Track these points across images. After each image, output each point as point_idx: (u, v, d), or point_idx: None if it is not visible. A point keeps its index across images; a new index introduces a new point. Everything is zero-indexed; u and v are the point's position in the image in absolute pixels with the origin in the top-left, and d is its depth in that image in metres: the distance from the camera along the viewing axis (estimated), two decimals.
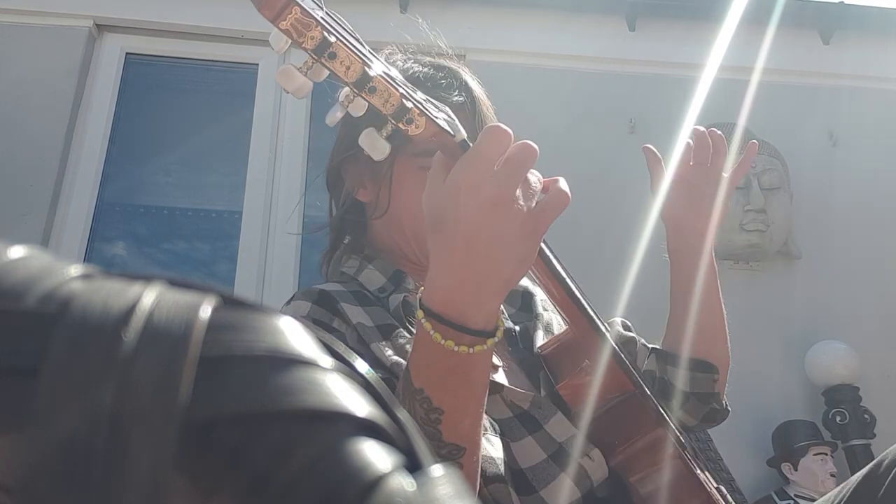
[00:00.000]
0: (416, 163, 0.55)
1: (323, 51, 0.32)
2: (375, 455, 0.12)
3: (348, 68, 0.33)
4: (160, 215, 1.73)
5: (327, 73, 0.33)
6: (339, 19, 0.35)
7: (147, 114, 1.80)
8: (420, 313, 0.37)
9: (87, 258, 1.54)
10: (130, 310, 0.12)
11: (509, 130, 0.36)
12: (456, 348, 0.36)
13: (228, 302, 0.13)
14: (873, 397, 1.61)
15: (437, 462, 0.13)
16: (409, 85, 0.37)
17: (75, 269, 0.13)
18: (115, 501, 0.11)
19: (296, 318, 0.14)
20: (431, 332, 0.36)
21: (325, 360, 0.13)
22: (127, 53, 1.75)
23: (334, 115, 0.35)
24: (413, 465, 0.13)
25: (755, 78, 1.69)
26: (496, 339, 0.38)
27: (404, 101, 0.35)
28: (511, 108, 0.78)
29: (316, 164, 1.73)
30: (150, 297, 0.13)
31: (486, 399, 0.40)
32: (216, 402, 0.12)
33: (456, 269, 0.36)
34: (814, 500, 1.37)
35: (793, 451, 1.52)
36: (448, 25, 0.69)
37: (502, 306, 0.55)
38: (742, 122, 1.66)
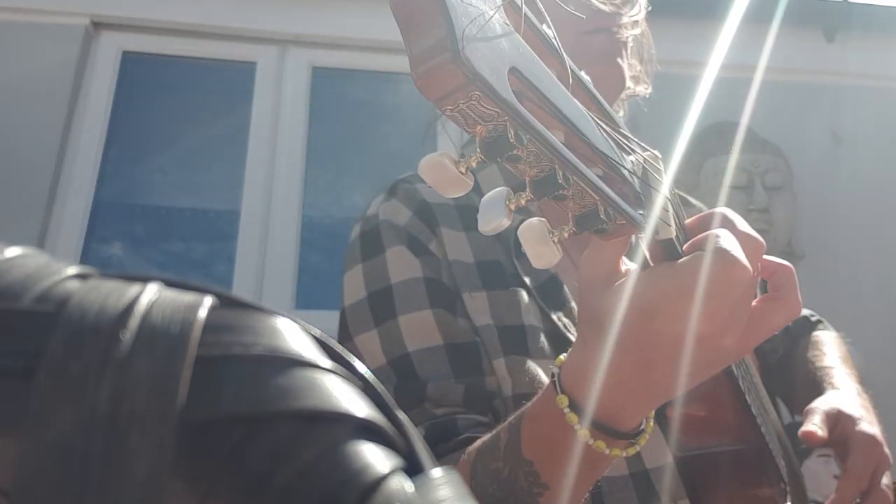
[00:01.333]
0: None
1: (501, 152, 0.21)
2: (374, 457, 0.12)
3: (531, 167, 0.23)
4: (157, 215, 1.73)
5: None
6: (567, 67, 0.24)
7: (144, 113, 1.80)
8: (563, 400, 0.31)
9: (84, 258, 1.54)
10: (127, 310, 0.12)
11: (744, 263, 0.27)
12: (607, 451, 0.31)
13: (226, 302, 0.13)
14: (877, 398, 1.60)
15: (437, 464, 0.13)
16: (614, 161, 0.25)
17: (72, 269, 0.13)
18: (111, 503, 0.11)
19: (295, 320, 0.14)
20: (577, 428, 0.31)
21: (324, 361, 0.13)
22: (124, 52, 1.75)
23: (499, 223, 0.23)
24: (413, 468, 0.13)
25: (758, 76, 1.68)
26: (647, 436, 0.33)
27: (601, 206, 0.24)
28: None
29: (315, 163, 1.73)
30: (147, 297, 0.12)
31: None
32: (214, 403, 0.12)
33: (627, 373, 0.30)
34: (818, 501, 1.37)
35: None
36: None
37: None
38: (745, 120, 1.65)
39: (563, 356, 0.34)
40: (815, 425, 0.51)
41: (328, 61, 1.80)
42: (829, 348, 0.66)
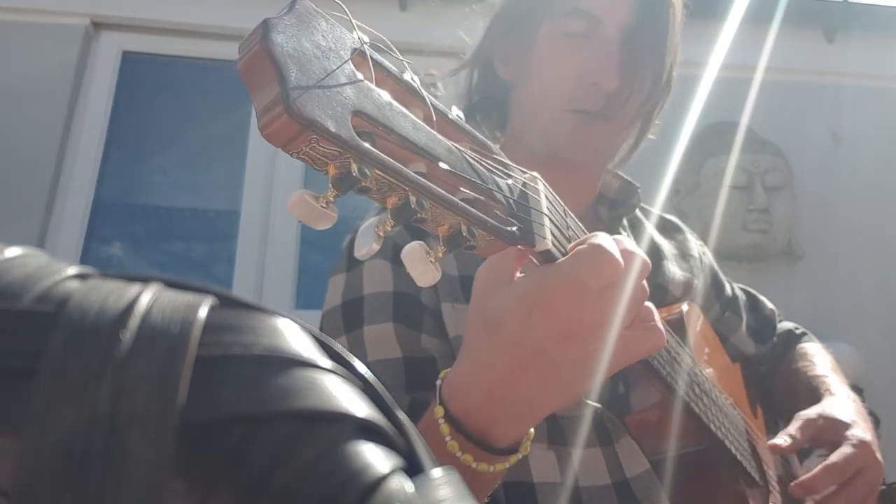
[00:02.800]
0: (563, 27, 0.50)
1: (350, 185, 0.23)
2: (374, 457, 0.12)
3: (387, 198, 0.24)
4: (157, 215, 1.73)
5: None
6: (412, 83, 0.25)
7: (144, 112, 1.79)
8: (439, 410, 0.32)
9: (84, 258, 1.54)
10: (127, 310, 0.12)
11: (617, 257, 0.29)
12: (474, 465, 0.31)
13: (226, 302, 0.13)
14: (877, 398, 1.60)
15: (437, 464, 0.13)
16: (475, 181, 0.26)
17: (72, 269, 0.13)
18: (112, 503, 0.11)
19: (295, 320, 0.14)
20: (447, 440, 0.31)
21: (324, 361, 0.13)
22: (124, 52, 1.75)
23: (370, 248, 0.26)
24: (413, 468, 0.13)
25: (758, 76, 1.68)
26: (521, 456, 0.33)
27: (464, 226, 0.26)
28: None
29: None
30: (147, 297, 0.12)
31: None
32: (214, 403, 0.12)
33: (498, 383, 0.30)
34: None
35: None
36: (449, 25, 0.69)
37: None
38: (745, 120, 1.65)
39: (447, 370, 0.34)
40: (782, 437, 0.52)
41: None
42: (819, 358, 0.67)
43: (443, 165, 0.25)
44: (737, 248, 1.73)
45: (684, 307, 0.52)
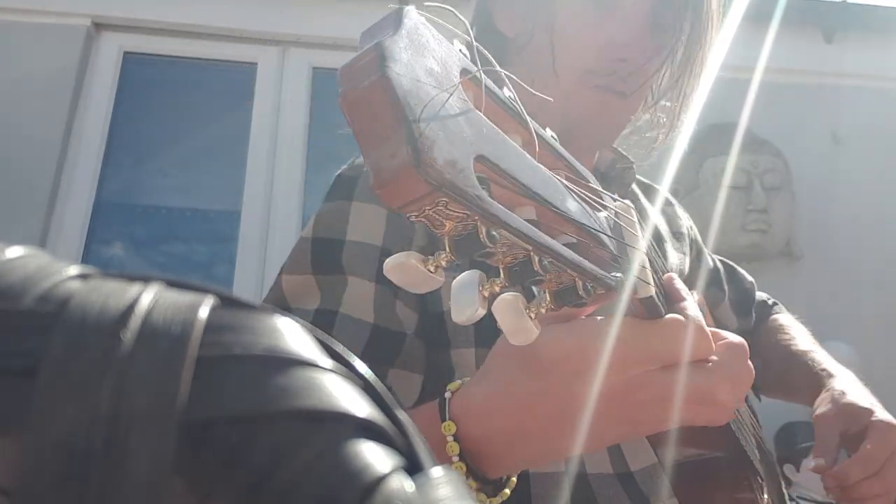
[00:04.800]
0: None
1: (473, 250, 0.19)
2: (375, 456, 0.12)
3: (506, 256, 0.21)
4: (158, 216, 1.73)
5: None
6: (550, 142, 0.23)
7: (145, 113, 1.79)
8: (450, 426, 0.29)
9: (85, 259, 1.54)
10: (128, 310, 0.12)
11: (709, 336, 0.27)
12: (472, 491, 0.29)
13: (227, 302, 0.13)
14: (877, 398, 1.60)
15: (436, 463, 0.13)
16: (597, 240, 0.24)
17: (73, 269, 0.13)
18: (112, 503, 0.11)
19: (296, 320, 0.14)
20: (454, 460, 0.29)
21: (325, 361, 0.13)
22: (125, 52, 1.75)
23: (474, 313, 0.21)
24: (413, 467, 0.13)
25: (757, 77, 1.68)
26: (507, 494, 0.31)
27: (579, 282, 0.23)
28: None
29: (315, 163, 1.73)
30: (148, 297, 0.12)
31: None
32: (214, 403, 0.12)
33: (525, 426, 0.28)
34: (817, 501, 1.38)
35: (795, 452, 1.52)
36: (449, 25, 0.68)
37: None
38: (744, 121, 1.65)
39: (458, 382, 0.32)
40: (817, 460, 0.51)
41: (328, 61, 1.80)
42: (797, 331, 0.66)
43: (552, 209, 0.22)
44: (735, 249, 1.73)
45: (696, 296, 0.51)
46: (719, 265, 0.69)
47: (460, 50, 0.20)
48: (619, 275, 0.25)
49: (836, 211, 1.86)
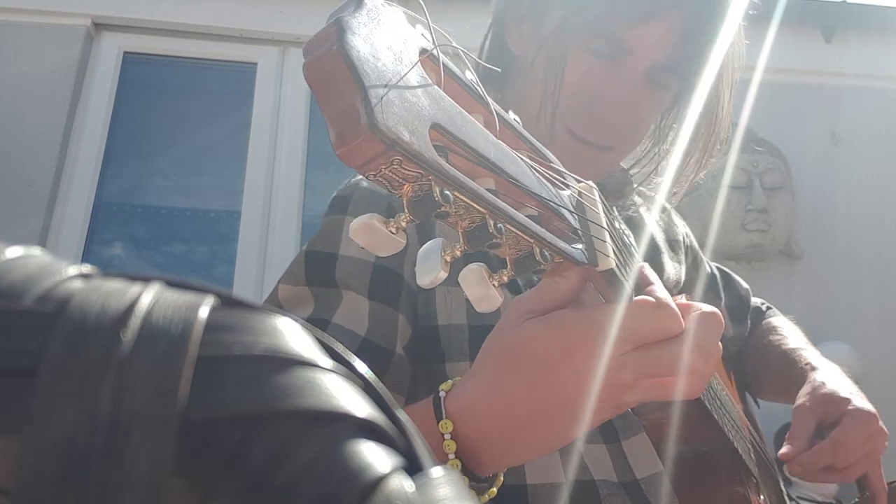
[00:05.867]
0: (588, 42, 0.43)
1: (429, 211, 0.21)
2: (375, 456, 0.12)
3: (462, 220, 0.22)
4: (158, 216, 1.73)
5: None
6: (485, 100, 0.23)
7: (145, 113, 1.79)
8: (447, 425, 0.30)
9: (85, 259, 1.54)
10: (129, 310, 0.12)
11: (677, 312, 0.28)
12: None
13: (227, 302, 0.13)
14: (876, 398, 1.60)
15: (436, 463, 0.13)
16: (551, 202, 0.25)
17: (73, 269, 0.13)
18: (113, 503, 0.11)
19: (296, 320, 0.14)
20: (450, 457, 0.30)
21: (325, 361, 0.13)
22: (125, 52, 1.75)
23: (436, 276, 0.23)
24: (413, 467, 0.13)
25: (756, 77, 1.68)
26: (494, 492, 0.31)
27: (537, 249, 0.24)
28: None
29: (315, 164, 1.73)
30: (148, 297, 0.12)
31: None
32: (214, 403, 0.12)
33: (517, 422, 0.29)
34: (816, 501, 1.38)
35: None
36: (448, 25, 0.68)
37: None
38: (744, 121, 1.65)
39: (449, 382, 0.32)
40: (787, 446, 0.51)
41: None
42: (789, 331, 0.66)
43: (511, 181, 0.23)
44: (735, 248, 1.73)
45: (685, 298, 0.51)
46: (716, 272, 0.69)
47: (422, 34, 0.21)
48: (579, 247, 0.26)
49: (836, 210, 1.86)
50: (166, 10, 1.76)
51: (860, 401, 0.52)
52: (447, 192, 0.20)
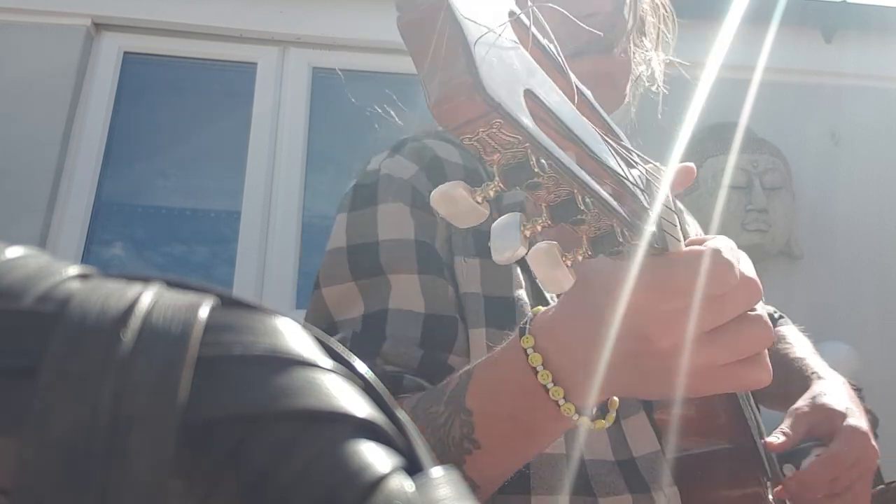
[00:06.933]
0: None
1: (521, 180, 0.20)
2: (375, 456, 0.12)
3: (550, 193, 0.21)
4: (158, 216, 1.73)
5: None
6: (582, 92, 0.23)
7: (145, 113, 1.80)
8: (529, 340, 0.30)
9: (85, 259, 1.54)
10: (129, 310, 0.12)
11: (736, 266, 0.27)
12: (562, 402, 0.29)
13: (227, 302, 0.13)
14: (876, 398, 1.60)
15: (437, 463, 0.13)
16: (635, 187, 0.24)
17: (73, 269, 0.13)
18: (112, 503, 0.11)
19: (296, 320, 0.14)
20: (539, 370, 0.29)
21: (325, 361, 0.13)
22: (125, 52, 1.75)
23: (515, 252, 0.22)
24: (413, 467, 0.13)
25: (756, 77, 1.69)
26: (608, 423, 0.31)
27: (618, 229, 0.23)
28: None
29: (315, 164, 1.73)
30: (148, 297, 0.12)
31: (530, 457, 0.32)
32: (214, 403, 0.12)
33: (587, 345, 0.28)
34: None
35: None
36: None
37: None
38: (744, 121, 1.66)
39: (539, 307, 0.32)
40: (776, 435, 0.51)
41: (328, 61, 1.80)
42: (796, 340, 0.66)
43: (593, 156, 0.22)
44: None
45: None
46: None
47: None
48: (654, 228, 0.25)
49: (836, 210, 1.86)
50: (166, 10, 1.76)
51: (855, 418, 0.52)
52: (543, 161, 0.19)
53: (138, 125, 1.78)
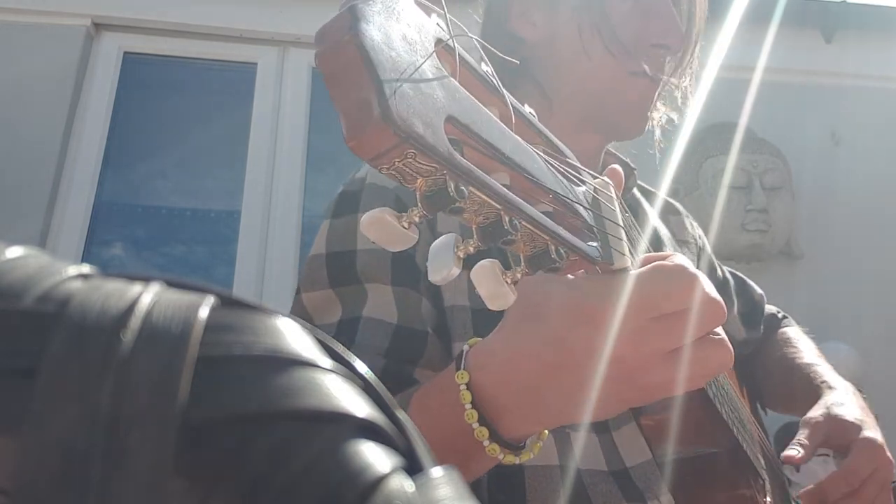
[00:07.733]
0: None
1: (443, 206, 0.20)
2: (375, 456, 0.12)
3: (477, 216, 0.22)
4: (158, 216, 1.73)
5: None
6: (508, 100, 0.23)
7: (145, 113, 1.80)
8: (463, 376, 0.30)
9: (85, 259, 1.54)
10: (129, 310, 0.12)
11: (702, 280, 0.27)
12: (486, 443, 0.29)
13: (227, 302, 0.13)
14: (876, 398, 1.60)
15: (437, 463, 0.13)
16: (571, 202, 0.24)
17: (73, 269, 0.13)
18: (112, 503, 0.11)
19: (296, 321, 0.14)
20: (467, 408, 0.29)
21: (325, 361, 0.13)
22: (125, 52, 1.75)
23: (449, 273, 0.23)
24: (413, 467, 0.13)
25: (757, 77, 1.69)
26: (530, 455, 0.31)
27: (552, 246, 0.24)
28: None
29: (315, 163, 1.73)
30: (148, 297, 0.12)
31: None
32: (214, 403, 0.12)
33: (530, 374, 0.29)
34: None
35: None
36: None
37: None
38: (744, 121, 1.66)
39: (476, 338, 0.33)
40: (794, 448, 0.51)
41: None
42: (803, 344, 0.67)
43: (527, 176, 0.22)
44: (735, 248, 1.73)
45: None
46: (729, 277, 0.70)
47: (437, 23, 0.21)
48: (594, 244, 0.25)
49: (836, 210, 1.86)
50: (166, 10, 1.76)
51: (870, 430, 0.53)
52: (462, 188, 0.20)
53: (138, 125, 1.78)
